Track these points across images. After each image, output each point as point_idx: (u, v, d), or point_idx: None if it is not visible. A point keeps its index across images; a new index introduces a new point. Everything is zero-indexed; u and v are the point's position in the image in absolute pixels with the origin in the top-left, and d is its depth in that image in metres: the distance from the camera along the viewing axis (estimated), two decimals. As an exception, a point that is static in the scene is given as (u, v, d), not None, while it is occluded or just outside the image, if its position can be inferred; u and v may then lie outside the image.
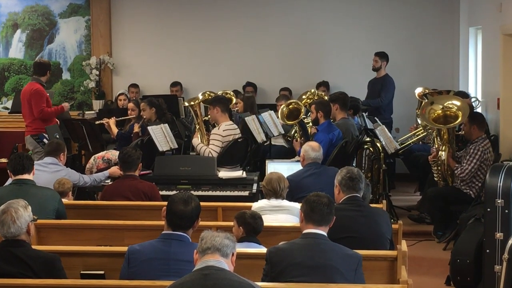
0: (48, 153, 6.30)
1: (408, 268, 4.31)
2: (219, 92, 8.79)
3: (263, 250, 4.16)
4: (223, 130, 7.29)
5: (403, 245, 4.27)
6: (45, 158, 6.31)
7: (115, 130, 8.32)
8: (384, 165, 7.46)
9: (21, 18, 10.71)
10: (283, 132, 8.28)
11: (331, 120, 7.52)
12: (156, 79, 10.52)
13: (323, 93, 8.98)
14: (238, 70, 10.45)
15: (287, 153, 8.15)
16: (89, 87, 10.64)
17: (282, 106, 7.96)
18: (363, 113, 8.52)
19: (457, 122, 6.93)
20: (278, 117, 8.06)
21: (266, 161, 6.91)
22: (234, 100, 8.88)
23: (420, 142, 8.50)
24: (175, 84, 10.33)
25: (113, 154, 7.71)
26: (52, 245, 4.69)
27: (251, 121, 7.79)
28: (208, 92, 8.74)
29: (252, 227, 4.43)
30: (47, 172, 6.08)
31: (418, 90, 8.83)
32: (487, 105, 8.67)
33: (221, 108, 7.37)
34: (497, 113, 8.06)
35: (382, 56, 9.56)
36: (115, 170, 6.49)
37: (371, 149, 7.52)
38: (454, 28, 10.02)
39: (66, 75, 10.82)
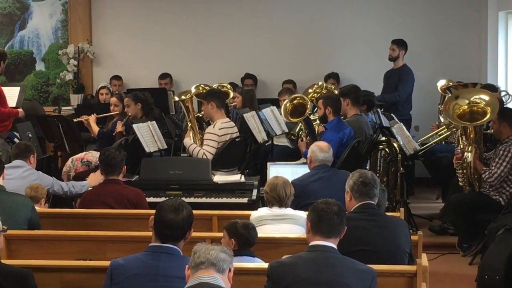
0: (16, 155, 6.31)
1: (430, 285, 4.31)
2: (214, 85, 8.79)
3: (264, 264, 4.16)
4: (219, 129, 7.29)
5: (424, 259, 4.27)
6: (13, 162, 6.31)
7: (95, 128, 8.32)
8: (402, 168, 7.46)
9: (-11, 1, 10.72)
10: (286, 130, 8.29)
11: (342, 117, 7.51)
12: (142, 71, 10.52)
13: (332, 87, 8.98)
14: (235, 60, 10.45)
15: (291, 154, 8.16)
16: (66, 80, 10.64)
17: (285, 101, 7.96)
18: (378, 109, 8.52)
19: (485, 119, 6.92)
20: (281, 114, 8.06)
21: (268, 164, 6.91)
22: (231, 94, 8.88)
23: (443, 142, 8.49)
24: (164, 76, 10.33)
25: (93, 155, 7.72)
26: (24, 259, 4.69)
27: (250, 118, 7.80)
28: (202, 85, 8.74)
29: (245, 239, 4.43)
30: (16, 177, 6.07)
31: (441, 83, 8.81)
32: (519, 100, 8.67)
33: (217, 103, 7.37)
34: (530, 109, 8.06)
35: (400, 44, 9.57)
36: (96, 177, 6.49)
37: (387, 149, 7.52)
38: (481, 12, 10.01)
39: (40, 66, 10.83)
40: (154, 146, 7.48)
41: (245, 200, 6.53)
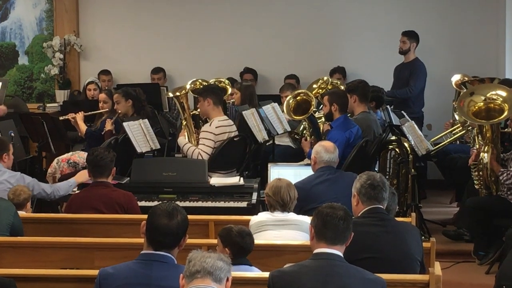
0: None
1: (443, 296, 4.31)
2: (211, 81, 8.79)
3: (264, 274, 4.16)
4: (216, 127, 7.29)
5: (437, 268, 4.27)
6: None
7: (83, 127, 8.32)
8: (413, 170, 7.46)
9: (-33, -11, 10.73)
10: (289, 129, 8.29)
11: (348, 115, 7.52)
12: (133, 65, 10.52)
13: (338, 82, 8.98)
14: (234, 53, 10.45)
15: (294, 155, 8.16)
16: (51, 74, 10.65)
17: (288, 98, 7.96)
18: (388, 106, 8.52)
19: (502, 117, 6.92)
20: (283, 111, 8.06)
21: (269, 165, 6.92)
22: (230, 90, 8.89)
23: (458, 142, 8.50)
24: (157, 70, 10.33)
25: (80, 156, 7.73)
26: (6, 267, 4.68)
27: (250, 115, 7.80)
28: (200, 81, 8.74)
29: (239, 248, 4.44)
30: None
31: (455, 78, 8.83)
32: (539, 96, 8.66)
33: (214, 100, 7.37)
34: (551, 106, 8.06)
35: (411, 36, 9.57)
36: (84, 174, 6.49)
37: (397, 150, 7.53)
38: (499, 1, 10.01)
39: (23, 60, 10.82)
40: (146, 146, 7.48)
41: (244, 204, 6.54)
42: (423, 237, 5.52)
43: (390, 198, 4.83)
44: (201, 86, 8.33)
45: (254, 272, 4.33)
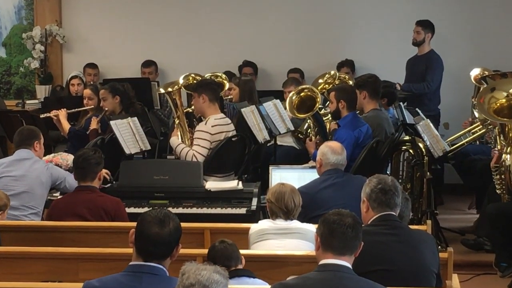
0: (19, 143, 6.31)
1: (462, 311, 4.31)
2: (207, 75, 8.79)
3: (265, 287, 4.15)
4: (212, 126, 7.30)
5: (455, 281, 4.27)
6: (16, 152, 6.37)
7: (66, 125, 8.32)
8: (428, 173, 7.46)
9: None
10: (292, 128, 8.30)
11: (357, 112, 7.52)
12: (121, 57, 10.52)
13: (346, 76, 8.99)
14: (232, 45, 10.46)
15: (298, 157, 8.18)
16: (31, 68, 10.65)
17: (291, 94, 7.97)
18: (401, 103, 8.53)
19: (526, 114, 6.94)
20: (285, 108, 8.07)
21: (270, 168, 6.92)
22: (227, 86, 8.89)
23: (477, 142, 8.50)
24: (148, 64, 10.34)
25: (63, 158, 7.71)
26: (-18, 280, 4.70)
27: (249, 113, 7.80)
28: (193, 75, 8.74)
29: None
30: (24, 173, 6.14)
31: (475, 72, 8.83)
32: None
33: (209, 96, 7.38)
34: None
35: (427, 26, 9.57)
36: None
37: (411, 151, 7.53)
38: (523, -12, 10.04)
39: (0, 52, 10.82)
40: (135, 146, 7.48)
41: (243, 210, 6.55)
42: (439, 247, 5.54)
43: (403, 204, 4.83)
44: (194, 81, 8.32)
45: (254, 285, 4.33)
